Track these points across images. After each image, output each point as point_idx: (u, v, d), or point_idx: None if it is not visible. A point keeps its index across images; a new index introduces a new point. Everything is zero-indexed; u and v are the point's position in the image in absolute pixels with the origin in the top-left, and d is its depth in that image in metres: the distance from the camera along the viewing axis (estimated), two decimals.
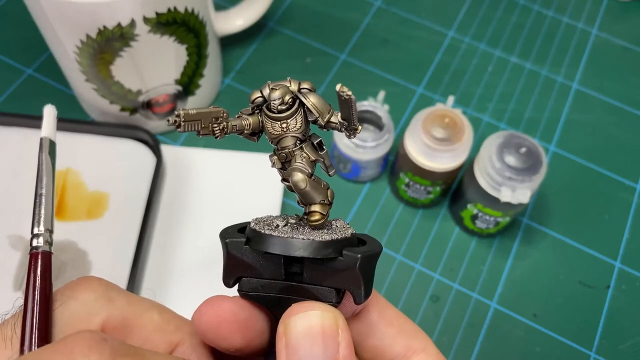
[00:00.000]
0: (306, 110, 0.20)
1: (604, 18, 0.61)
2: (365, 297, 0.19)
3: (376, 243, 0.21)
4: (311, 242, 0.19)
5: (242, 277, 0.20)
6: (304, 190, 0.19)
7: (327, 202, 0.20)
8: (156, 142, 0.45)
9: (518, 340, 0.43)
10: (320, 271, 0.19)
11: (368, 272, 0.20)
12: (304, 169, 0.20)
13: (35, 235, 0.20)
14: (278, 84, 0.19)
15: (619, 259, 0.47)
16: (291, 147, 0.20)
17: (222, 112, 0.19)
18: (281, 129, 0.20)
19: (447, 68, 0.56)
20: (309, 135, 0.20)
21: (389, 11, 0.59)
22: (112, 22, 0.38)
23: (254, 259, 0.20)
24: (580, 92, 0.56)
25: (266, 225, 0.20)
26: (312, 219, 0.20)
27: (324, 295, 0.20)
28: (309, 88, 0.20)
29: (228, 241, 0.20)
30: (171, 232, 0.44)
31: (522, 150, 0.41)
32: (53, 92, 0.51)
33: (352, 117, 0.19)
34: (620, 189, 0.50)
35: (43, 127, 0.22)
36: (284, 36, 0.56)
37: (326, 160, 0.21)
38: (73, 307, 0.19)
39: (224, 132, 0.19)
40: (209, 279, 0.43)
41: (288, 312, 0.19)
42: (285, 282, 0.20)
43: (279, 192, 0.46)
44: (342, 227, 0.21)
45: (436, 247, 0.47)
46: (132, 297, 0.21)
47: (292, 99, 0.19)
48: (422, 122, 0.42)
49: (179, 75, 0.45)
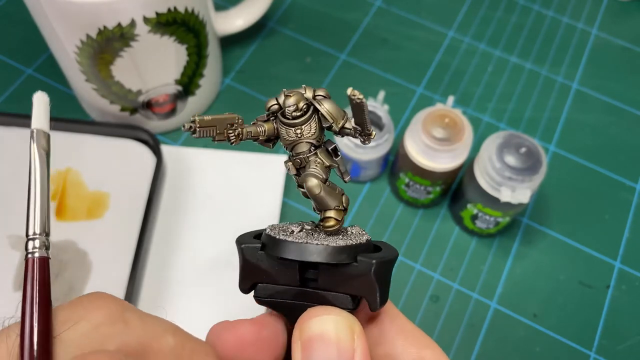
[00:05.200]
0: (320, 117, 0.20)
1: (604, 18, 0.61)
2: (381, 304, 0.19)
3: (392, 249, 0.21)
4: (325, 248, 0.19)
5: (257, 283, 0.20)
6: (318, 195, 0.20)
7: (342, 208, 0.20)
8: (156, 142, 0.45)
9: (518, 340, 0.43)
10: (335, 277, 0.19)
11: (383, 279, 0.20)
12: (318, 174, 0.20)
13: (30, 238, 0.18)
14: (293, 91, 0.20)
15: (619, 259, 0.47)
16: (306, 153, 0.20)
17: (237, 118, 0.19)
18: (295, 135, 0.20)
19: (447, 68, 0.56)
20: (323, 142, 0.20)
21: (389, 11, 0.59)
22: (112, 22, 0.38)
23: (270, 265, 0.20)
24: (580, 92, 0.56)
25: (281, 231, 0.20)
26: (327, 225, 0.20)
27: (339, 302, 0.19)
28: (324, 95, 0.20)
29: (244, 247, 0.20)
30: (171, 232, 0.44)
31: (522, 150, 0.41)
32: (53, 92, 0.51)
33: (365, 121, 0.19)
34: (620, 189, 0.50)
35: (33, 117, 0.19)
36: (284, 36, 0.56)
37: (341, 166, 0.21)
38: (84, 329, 0.17)
39: (239, 138, 0.19)
40: (209, 278, 0.43)
41: (304, 316, 0.19)
42: (300, 288, 0.20)
43: (279, 192, 0.46)
44: (357, 233, 0.21)
45: (436, 247, 0.47)
46: (146, 318, 0.19)
47: (306, 105, 0.20)
48: (422, 122, 0.42)
49: (179, 75, 0.45)
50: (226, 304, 0.42)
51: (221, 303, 0.42)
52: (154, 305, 0.41)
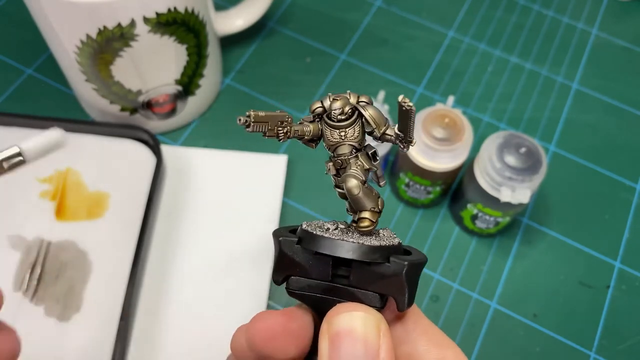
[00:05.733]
0: (364, 122, 0.21)
1: (604, 18, 0.61)
2: (409, 304, 0.20)
3: (421, 254, 0.22)
4: (360, 246, 0.20)
5: (290, 276, 0.21)
6: (356, 196, 0.20)
7: (377, 210, 0.21)
8: (156, 142, 0.45)
9: (518, 340, 0.43)
10: (367, 275, 0.20)
11: (413, 281, 0.20)
12: (358, 175, 0.21)
13: None
14: (339, 95, 0.21)
15: (619, 259, 0.47)
16: (347, 155, 0.21)
17: (287, 116, 0.20)
18: (339, 137, 0.21)
19: (447, 68, 0.56)
20: (364, 146, 0.21)
21: (389, 11, 0.59)
22: (112, 22, 0.38)
23: (304, 259, 0.21)
24: (580, 92, 0.56)
25: (317, 227, 0.21)
26: (362, 225, 0.21)
27: (368, 299, 0.20)
28: (367, 101, 0.21)
29: (282, 239, 0.21)
30: (171, 232, 0.44)
31: (522, 150, 0.41)
32: (53, 92, 0.51)
33: (409, 129, 0.20)
34: (620, 189, 0.50)
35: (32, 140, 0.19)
36: (284, 36, 0.56)
37: (378, 170, 0.22)
38: None
39: (287, 136, 0.21)
40: (209, 278, 0.43)
41: (332, 311, 0.19)
42: (331, 283, 0.21)
43: (279, 192, 0.46)
44: (389, 236, 0.21)
45: (436, 247, 0.47)
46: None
47: (351, 109, 0.20)
48: (422, 122, 0.42)
49: (179, 75, 0.45)
50: (227, 304, 0.42)
51: (222, 303, 0.42)
52: (154, 305, 0.41)
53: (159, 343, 0.40)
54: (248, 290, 0.42)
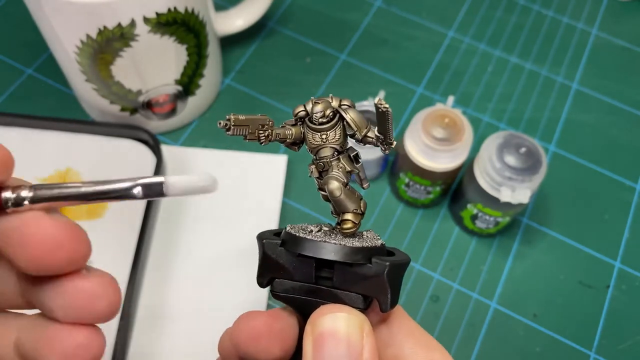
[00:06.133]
0: (345, 125, 0.21)
1: (604, 18, 0.61)
2: (392, 305, 0.20)
3: (404, 255, 0.22)
4: (342, 247, 0.20)
5: (274, 279, 0.21)
6: (338, 198, 0.21)
7: (359, 212, 0.21)
8: (156, 142, 0.45)
9: (518, 340, 0.43)
10: (349, 277, 0.20)
11: (395, 281, 0.20)
12: (339, 178, 0.21)
13: None
14: (321, 99, 0.21)
15: (619, 259, 0.47)
16: (329, 158, 0.21)
17: (267, 120, 0.21)
18: (321, 139, 0.21)
19: (447, 68, 0.56)
20: (346, 148, 0.22)
21: (389, 11, 0.59)
22: (112, 22, 0.38)
23: (288, 261, 0.21)
24: (580, 92, 0.56)
25: (301, 230, 0.21)
26: (345, 227, 0.21)
27: (351, 301, 0.20)
28: (349, 104, 0.21)
29: (265, 242, 0.21)
30: (171, 232, 0.44)
31: (522, 150, 0.41)
32: (53, 92, 0.51)
33: (388, 130, 0.20)
34: (620, 189, 0.50)
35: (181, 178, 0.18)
36: (284, 36, 0.56)
37: (361, 172, 0.22)
38: None
39: (269, 139, 0.21)
40: (209, 278, 0.43)
41: (317, 313, 0.20)
42: (315, 285, 0.21)
43: (279, 192, 0.46)
44: (372, 237, 0.22)
45: (436, 247, 0.47)
46: None
47: (332, 113, 0.21)
48: (422, 122, 0.42)
49: (179, 75, 0.45)
50: (226, 304, 0.42)
51: (220, 302, 0.42)
52: (154, 305, 0.41)
53: (159, 343, 0.40)
54: (248, 290, 0.42)
